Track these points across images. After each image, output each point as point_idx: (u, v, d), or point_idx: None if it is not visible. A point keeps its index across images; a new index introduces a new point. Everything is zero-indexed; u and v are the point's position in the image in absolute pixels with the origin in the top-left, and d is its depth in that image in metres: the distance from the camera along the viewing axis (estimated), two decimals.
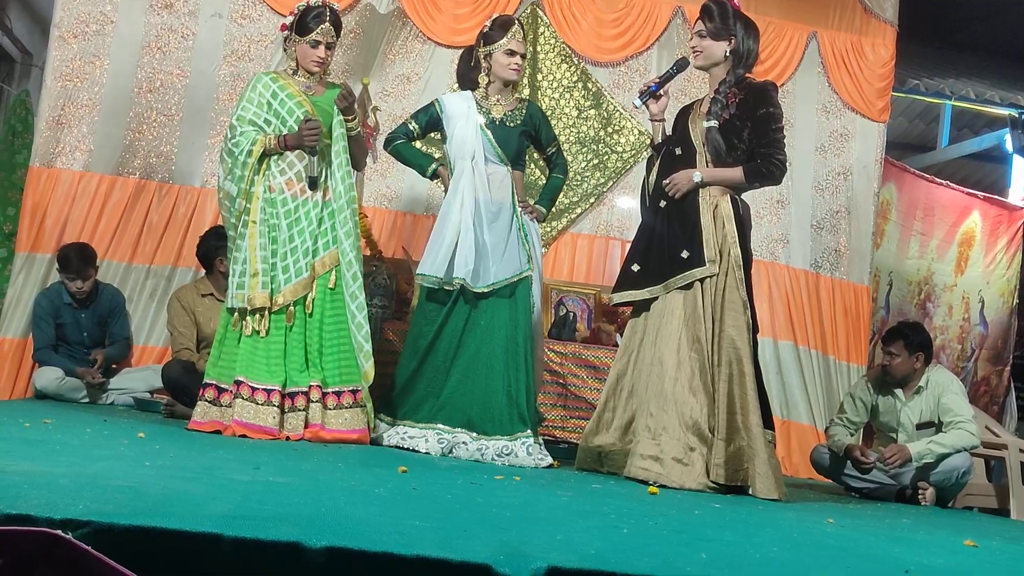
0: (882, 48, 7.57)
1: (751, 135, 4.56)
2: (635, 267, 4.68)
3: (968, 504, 6.29)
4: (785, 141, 4.62)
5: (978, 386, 8.97)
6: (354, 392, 4.73)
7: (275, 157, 4.79)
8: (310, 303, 4.75)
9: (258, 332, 4.68)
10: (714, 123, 4.55)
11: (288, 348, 4.71)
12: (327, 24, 4.85)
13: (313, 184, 4.77)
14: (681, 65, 4.78)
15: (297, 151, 4.78)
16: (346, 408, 4.71)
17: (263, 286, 4.68)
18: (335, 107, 4.82)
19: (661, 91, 4.75)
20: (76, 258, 5.86)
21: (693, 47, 4.71)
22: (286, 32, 4.93)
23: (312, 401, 4.68)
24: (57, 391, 5.69)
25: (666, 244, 4.58)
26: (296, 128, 4.76)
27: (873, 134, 7.59)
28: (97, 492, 2.22)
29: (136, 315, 6.40)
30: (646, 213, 4.80)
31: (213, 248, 5.78)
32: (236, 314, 4.73)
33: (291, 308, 4.72)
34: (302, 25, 4.85)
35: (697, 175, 4.55)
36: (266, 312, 4.69)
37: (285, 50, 4.99)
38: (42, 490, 2.15)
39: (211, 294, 5.82)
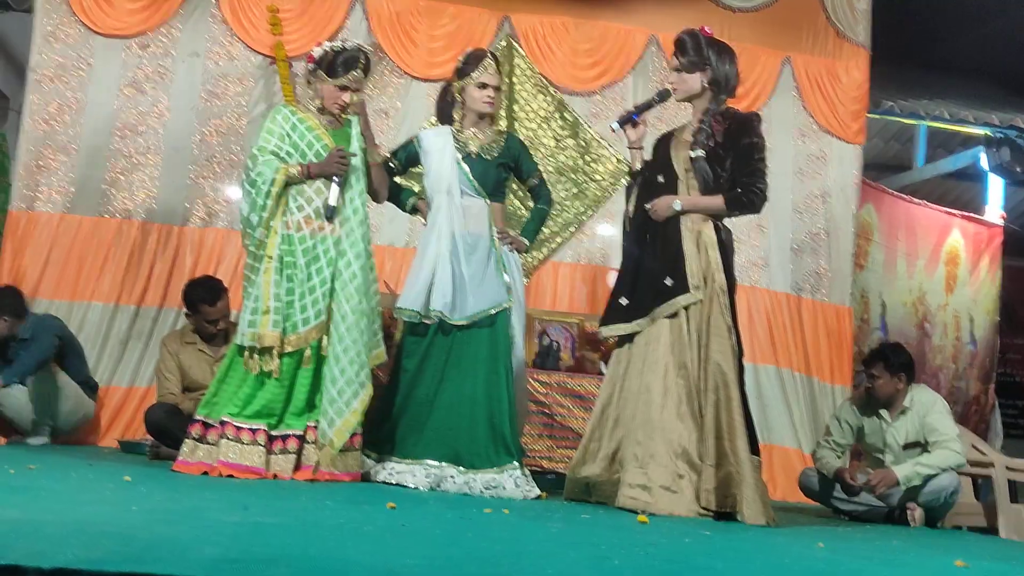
0: (856, 71, 7.65)
1: (733, 164, 4.58)
2: (623, 300, 4.68)
3: (957, 523, 6.28)
4: (767, 171, 4.65)
5: (970, 405, 9.00)
6: (352, 436, 4.61)
7: (293, 193, 4.66)
8: (325, 346, 4.62)
9: (269, 373, 4.56)
10: (702, 153, 4.57)
11: (295, 391, 4.60)
12: (357, 71, 4.73)
13: (332, 214, 4.64)
14: (663, 95, 4.80)
15: (316, 186, 4.68)
16: (344, 451, 4.60)
17: (275, 325, 4.55)
18: (359, 143, 4.75)
19: (640, 119, 4.78)
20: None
21: (671, 82, 4.74)
22: (311, 65, 4.78)
23: (308, 442, 4.59)
24: None
25: (651, 274, 4.60)
26: (315, 160, 4.68)
27: (849, 156, 7.67)
28: (84, 539, 2.20)
29: (122, 356, 6.40)
30: (629, 242, 4.81)
31: (191, 300, 5.77)
32: (246, 353, 4.59)
33: (307, 352, 4.61)
34: (332, 67, 4.71)
35: (677, 203, 4.58)
36: (275, 352, 4.56)
37: (308, 82, 4.82)
38: (29, 539, 2.13)
39: (193, 343, 5.78)
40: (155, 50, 6.69)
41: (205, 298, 5.67)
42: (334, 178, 4.66)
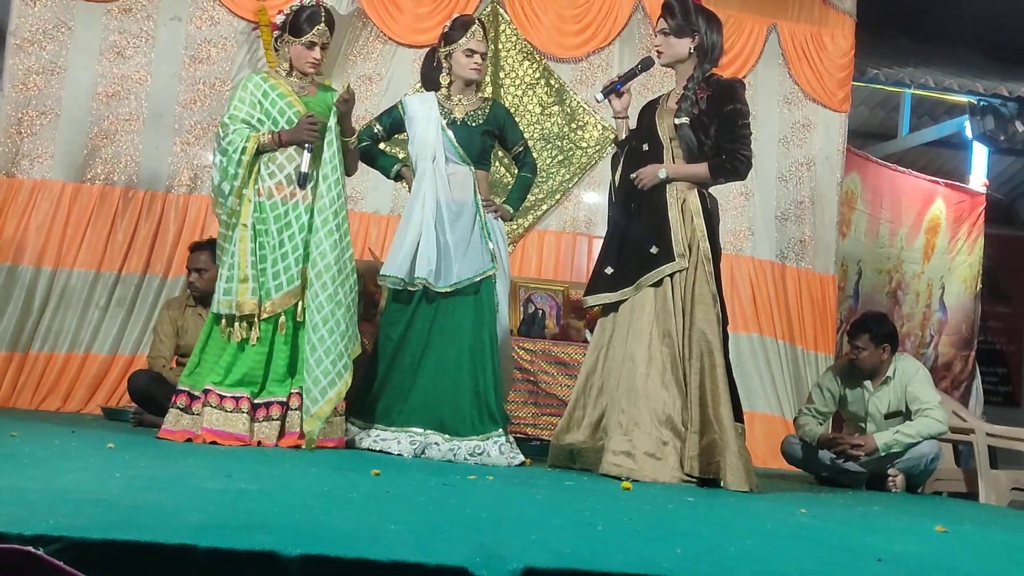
0: (841, 39, 7.64)
1: (718, 131, 4.58)
2: (608, 269, 4.68)
3: (937, 489, 6.34)
4: (751, 138, 4.64)
5: (939, 371, 9.06)
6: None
7: (264, 160, 4.67)
8: (301, 312, 4.64)
9: (247, 340, 4.58)
10: (686, 120, 4.57)
11: (273, 357, 4.62)
12: (322, 25, 4.74)
13: (304, 181, 4.64)
14: (646, 64, 4.78)
15: (288, 152, 4.69)
16: (328, 418, 4.60)
17: (252, 292, 4.57)
18: (334, 110, 4.73)
19: (624, 88, 4.77)
20: None
21: (657, 46, 4.72)
22: (277, 32, 4.81)
23: (291, 409, 4.60)
24: None
25: (636, 243, 4.60)
26: (287, 128, 4.68)
27: (835, 124, 7.68)
28: (68, 506, 2.20)
29: (104, 323, 6.36)
30: (614, 211, 4.81)
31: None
32: (224, 321, 4.61)
33: (281, 318, 4.63)
34: (295, 26, 4.74)
35: (663, 171, 4.58)
36: (255, 319, 4.58)
37: (277, 50, 4.86)
38: (11, 506, 2.13)
39: (193, 305, 5.75)
40: (136, 14, 6.61)
41: (192, 246, 5.67)
42: (306, 145, 4.65)
